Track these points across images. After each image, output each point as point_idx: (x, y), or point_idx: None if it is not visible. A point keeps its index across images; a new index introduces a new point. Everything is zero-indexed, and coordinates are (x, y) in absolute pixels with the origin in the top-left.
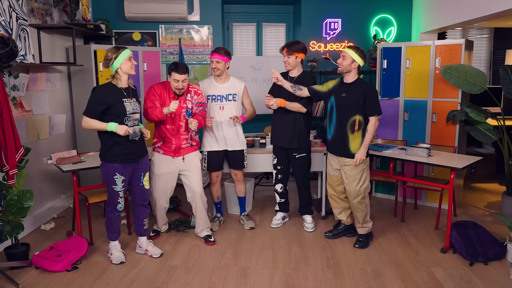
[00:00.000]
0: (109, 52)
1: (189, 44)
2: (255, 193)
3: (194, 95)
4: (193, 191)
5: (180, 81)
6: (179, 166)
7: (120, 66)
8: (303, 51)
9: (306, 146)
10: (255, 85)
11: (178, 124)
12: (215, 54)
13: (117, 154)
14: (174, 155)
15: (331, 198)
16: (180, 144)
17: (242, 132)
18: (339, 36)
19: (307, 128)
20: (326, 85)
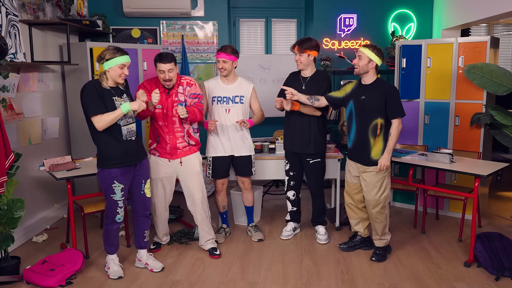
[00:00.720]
0: (106, 50)
1: (192, 42)
2: (263, 202)
3: (186, 87)
4: (192, 198)
5: (166, 71)
6: (176, 169)
7: (108, 70)
8: (315, 48)
9: (321, 151)
10: (264, 86)
11: (170, 119)
12: (222, 53)
13: (114, 158)
14: (170, 157)
15: (348, 208)
16: (175, 143)
17: (249, 137)
18: (354, 33)
19: (323, 132)
20: (344, 90)
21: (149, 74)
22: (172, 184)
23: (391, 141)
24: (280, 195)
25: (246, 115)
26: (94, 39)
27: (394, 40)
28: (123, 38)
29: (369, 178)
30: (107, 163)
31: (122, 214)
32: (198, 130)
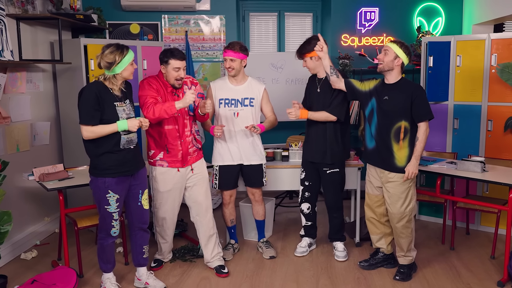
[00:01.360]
0: (111, 53)
1: (197, 38)
2: (276, 215)
3: (192, 86)
4: (201, 207)
5: (181, 68)
6: (185, 178)
7: (121, 72)
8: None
9: (339, 161)
10: (276, 87)
11: (182, 122)
12: (229, 51)
13: (108, 166)
14: (181, 165)
15: (370, 222)
16: (187, 149)
17: (260, 143)
18: (376, 28)
19: (341, 140)
20: (367, 84)
21: (150, 73)
22: (181, 195)
23: (418, 146)
24: (294, 208)
25: (257, 119)
26: (88, 35)
27: (420, 36)
28: (120, 34)
29: (393, 188)
30: (101, 171)
31: (118, 227)
32: (198, 132)
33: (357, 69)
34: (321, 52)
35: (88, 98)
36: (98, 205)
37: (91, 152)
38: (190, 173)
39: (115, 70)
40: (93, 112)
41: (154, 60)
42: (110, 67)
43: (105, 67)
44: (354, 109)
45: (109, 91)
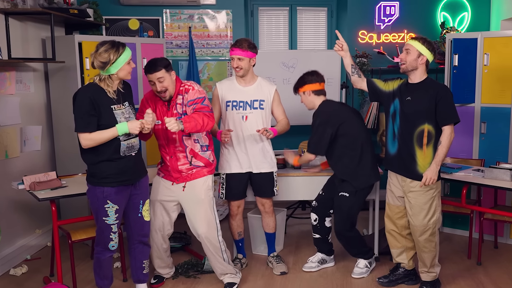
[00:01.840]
0: (105, 51)
1: (201, 35)
2: (287, 227)
3: (184, 94)
4: (195, 232)
5: (156, 81)
6: (178, 195)
7: (117, 72)
8: (312, 79)
9: (351, 183)
10: (288, 88)
11: (171, 138)
12: (237, 48)
13: (107, 175)
14: (174, 180)
15: (390, 235)
16: (176, 166)
17: (271, 149)
18: (396, 24)
19: (356, 160)
20: (390, 84)
21: None
22: (172, 212)
23: (440, 151)
24: (307, 219)
25: (267, 123)
26: (83, 31)
27: (444, 32)
28: (118, 31)
29: (415, 199)
30: (99, 180)
31: (117, 240)
32: (209, 147)
33: (376, 68)
34: (341, 51)
35: (82, 103)
36: (95, 216)
37: (88, 160)
38: (181, 191)
39: (110, 70)
40: (89, 118)
41: None
42: (105, 67)
43: (99, 67)
44: (372, 112)
45: (105, 94)
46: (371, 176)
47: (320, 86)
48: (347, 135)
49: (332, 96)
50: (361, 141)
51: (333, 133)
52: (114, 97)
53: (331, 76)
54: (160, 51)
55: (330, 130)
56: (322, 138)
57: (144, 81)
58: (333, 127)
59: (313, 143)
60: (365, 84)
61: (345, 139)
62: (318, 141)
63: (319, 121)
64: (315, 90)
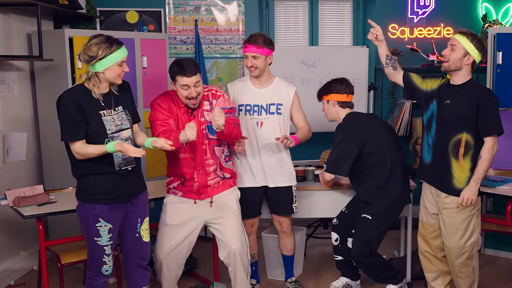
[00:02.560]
0: (95, 44)
1: (209, 29)
2: (307, 248)
3: (213, 100)
4: (229, 248)
5: (192, 86)
6: (204, 214)
7: (104, 71)
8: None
9: (375, 206)
10: (308, 90)
11: (200, 149)
12: (251, 45)
13: (98, 190)
14: (198, 197)
15: (424, 257)
16: (206, 181)
17: (290, 160)
18: (432, 17)
19: (380, 181)
20: (429, 82)
21: (151, 74)
22: (195, 235)
23: (480, 166)
24: (329, 239)
25: (286, 130)
26: (75, 25)
27: (486, 26)
28: (115, 24)
29: (450, 217)
30: (89, 196)
31: (111, 264)
32: (230, 157)
33: (408, 67)
34: (376, 40)
35: (67, 108)
36: (86, 236)
37: (77, 172)
38: (209, 207)
39: (95, 67)
40: (75, 124)
41: (156, 56)
42: (90, 62)
43: (84, 61)
44: (404, 117)
45: (93, 97)
46: (401, 199)
47: (348, 98)
48: (374, 153)
49: (359, 99)
50: (390, 159)
51: (357, 151)
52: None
53: (357, 76)
54: (162, 47)
55: (354, 148)
56: (343, 156)
57: (144, 85)
58: (357, 144)
59: (332, 160)
60: (400, 77)
61: (371, 157)
62: (339, 158)
63: (341, 136)
64: (341, 102)
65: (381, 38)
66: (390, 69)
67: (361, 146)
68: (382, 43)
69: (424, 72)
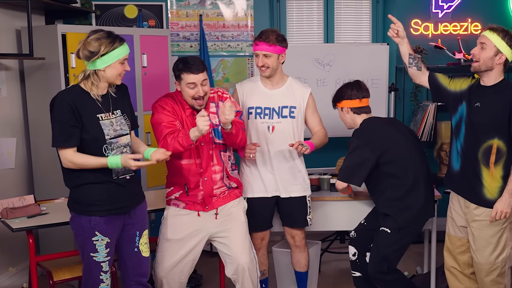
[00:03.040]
0: (96, 39)
1: (215, 25)
2: (322, 264)
3: (219, 102)
4: (236, 262)
5: (198, 84)
6: (209, 227)
7: (105, 69)
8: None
9: (395, 219)
10: (323, 91)
11: (206, 154)
12: (262, 42)
13: (95, 201)
14: (202, 208)
15: (451, 274)
16: (212, 189)
17: (303, 168)
18: (458, 11)
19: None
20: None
21: (151, 73)
22: (199, 249)
23: None
24: (346, 254)
25: (300, 135)
26: (68, 20)
27: None
28: (112, 19)
29: (480, 230)
30: (85, 207)
31: (109, 282)
32: (236, 165)
33: (432, 66)
34: (397, 38)
35: (61, 111)
36: (81, 251)
37: (70, 181)
38: (214, 219)
39: (96, 64)
40: (69, 129)
41: (157, 54)
42: (91, 58)
43: (84, 57)
44: (428, 121)
45: (91, 99)
46: (423, 212)
47: (361, 103)
48: (394, 162)
49: (378, 100)
50: (412, 168)
51: (374, 160)
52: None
53: (376, 76)
54: (163, 45)
55: (370, 156)
56: (358, 164)
57: (144, 85)
58: (374, 153)
59: (346, 168)
60: (426, 78)
61: (391, 167)
62: (353, 166)
63: (357, 142)
64: (354, 108)
65: (402, 35)
66: (414, 70)
67: (379, 155)
68: (404, 40)
69: (449, 72)
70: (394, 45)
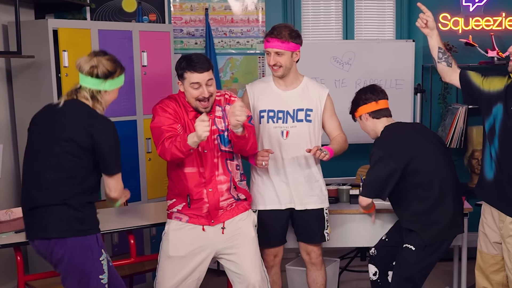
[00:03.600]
0: (114, 61)
1: (223, 19)
2: (340, 284)
3: (226, 105)
4: (246, 282)
5: (203, 84)
6: (215, 242)
7: (110, 92)
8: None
9: (420, 235)
10: (342, 93)
11: (210, 162)
12: (274, 39)
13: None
14: (208, 222)
15: None
16: (218, 201)
17: (321, 177)
18: (491, 4)
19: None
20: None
21: (152, 73)
22: (204, 267)
23: None
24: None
25: (317, 141)
26: (60, 14)
27: None
28: (108, 13)
29: None
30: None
31: None
32: (244, 176)
33: (463, 65)
34: (425, 28)
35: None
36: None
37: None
38: (221, 234)
39: (106, 85)
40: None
41: (159, 52)
42: (108, 77)
43: (103, 75)
44: (458, 126)
45: None
46: (451, 227)
47: (378, 105)
48: (419, 173)
49: (403, 103)
50: (439, 179)
51: (400, 171)
52: None
53: (400, 76)
54: (165, 41)
55: (395, 167)
56: (382, 178)
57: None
58: (399, 163)
59: (369, 182)
60: (457, 76)
61: (417, 177)
62: (377, 180)
63: (379, 153)
64: (372, 112)
65: (432, 26)
66: (444, 66)
67: (404, 165)
68: (433, 31)
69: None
70: (420, 42)
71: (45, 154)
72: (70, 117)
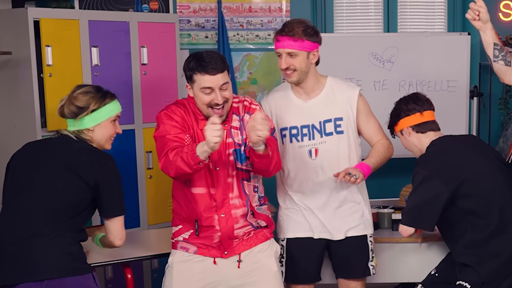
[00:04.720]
0: (86, 94)
1: (239, 8)
2: None
3: (245, 114)
4: None
5: (216, 88)
6: (229, 278)
7: (94, 128)
8: (409, 109)
9: (477, 270)
10: (382, 96)
11: (223, 182)
12: (285, 37)
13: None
14: (220, 254)
15: None
16: (232, 229)
17: (361, 198)
18: None
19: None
20: None
21: (153, 73)
22: None
23: None
24: None
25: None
26: (42, 2)
27: None
28: (100, 1)
29: None
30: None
31: None
32: (265, 199)
33: None
34: (477, 21)
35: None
36: None
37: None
38: (236, 269)
39: (83, 122)
40: None
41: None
42: (78, 114)
43: (71, 113)
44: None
45: None
46: None
47: (423, 117)
48: (474, 197)
49: (457, 110)
50: (499, 204)
51: (449, 194)
52: None
53: (453, 77)
54: (170, 34)
55: (443, 190)
56: (426, 202)
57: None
58: (448, 185)
59: (411, 208)
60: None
61: (470, 202)
62: (420, 206)
63: (423, 173)
64: (415, 125)
65: (485, 18)
66: (501, 65)
67: (454, 187)
68: (487, 25)
69: None
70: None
71: (37, 185)
72: (70, 147)
